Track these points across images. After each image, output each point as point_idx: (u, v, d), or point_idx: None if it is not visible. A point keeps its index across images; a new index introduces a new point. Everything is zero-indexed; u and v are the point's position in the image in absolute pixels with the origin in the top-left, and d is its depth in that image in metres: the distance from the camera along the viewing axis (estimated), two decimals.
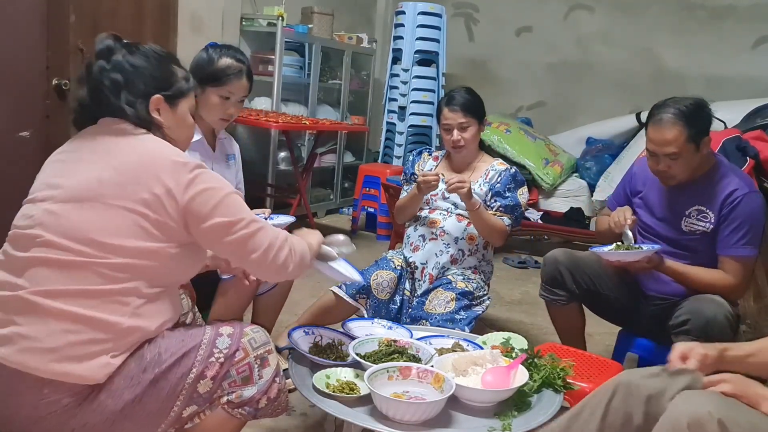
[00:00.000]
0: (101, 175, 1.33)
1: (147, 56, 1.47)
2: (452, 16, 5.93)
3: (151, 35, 3.97)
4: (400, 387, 1.62)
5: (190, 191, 1.34)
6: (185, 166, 1.36)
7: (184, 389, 1.35)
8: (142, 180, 1.33)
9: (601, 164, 4.92)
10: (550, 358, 1.80)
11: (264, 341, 1.46)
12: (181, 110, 1.51)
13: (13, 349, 1.24)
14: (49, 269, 1.29)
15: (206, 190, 1.36)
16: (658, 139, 2.04)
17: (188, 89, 1.53)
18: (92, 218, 1.31)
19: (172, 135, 1.49)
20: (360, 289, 2.40)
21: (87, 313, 1.27)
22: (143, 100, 1.44)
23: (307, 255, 1.55)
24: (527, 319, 3.29)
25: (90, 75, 1.45)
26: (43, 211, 1.33)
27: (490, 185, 2.51)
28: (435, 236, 2.50)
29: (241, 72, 2.16)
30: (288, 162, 4.68)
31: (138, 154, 1.37)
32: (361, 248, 4.44)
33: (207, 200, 1.36)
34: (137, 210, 1.31)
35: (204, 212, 1.35)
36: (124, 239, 1.31)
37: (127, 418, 1.30)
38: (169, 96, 1.47)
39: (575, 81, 5.66)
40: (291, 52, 4.82)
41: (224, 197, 1.38)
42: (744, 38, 5.02)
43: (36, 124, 2.96)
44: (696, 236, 2.13)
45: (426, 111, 5.05)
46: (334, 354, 1.83)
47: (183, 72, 1.54)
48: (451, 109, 2.48)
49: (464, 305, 2.35)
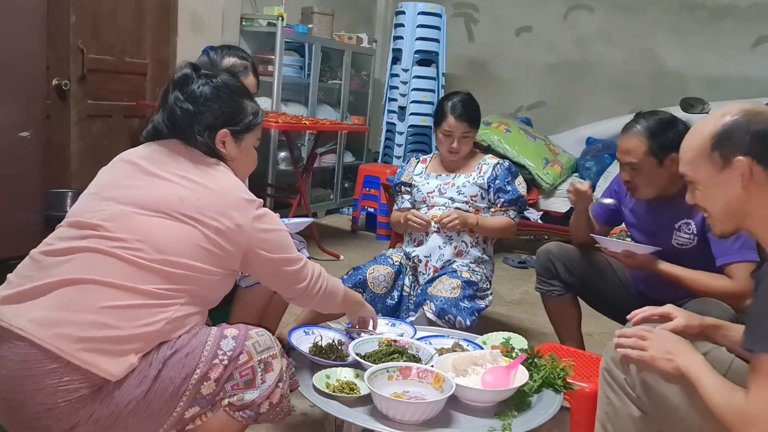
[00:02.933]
0: (182, 194, 1.42)
1: (219, 89, 1.53)
2: (452, 16, 5.93)
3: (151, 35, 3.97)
4: (400, 387, 1.62)
5: (256, 227, 1.46)
6: (253, 204, 1.48)
7: (187, 390, 1.35)
8: (216, 210, 1.42)
9: (601, 164, 4.91)
10: (550, 358, 1.80)
11: (268, 345, 1.45)
12: (246, 144, 1.59)
13: (50, 332, 1.26)
14: (104, 260, 1.34)
15: (271, 231, 1.50)
16: (621, 147, 2.10)
17: (255, 124, 1.60)
18: (165, 227, 1.39)
19: (234, 167, 1.56)
20: (357, 284, 2.41)
21: (130, 312, 1.31)
22: (211, 132, 1.51)
23: (336, 293, 1.70)
24: (527, 319, 3.29)
25: (166, 102, 1.53)
26: (118, 210, 1.39)
27: (487, 180, 2.56)
28: (437, 229, 2.52)
29: (247, 69, 2.14)
30: (288, 162, 4.68)
31: (215, 186, 1.46)
32: (361, 248, 4.45)
33: (272, 238, 1.50)
34: (207, 234, 1.40)
35: (267, 248, 1.49)
36: (186, 255, 1.38)
37: (131, 415, 1.31)
38: (235, 131, 1.54)
39: (575, 81, 5.67)
40: (291, 52, 4.82)
41: (285, 237, 1.54)
42: (744, 38, 5.02)
43: (36, 124, 2.97)
44: (686, 248, 2.11)
45: (426, 111, 5.05)
46: (334, 354, 1.82)
47: (253, 107, 1.60)
48: (458, 119, 2.52)
49: (469, 294, 2.36)
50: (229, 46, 2.23)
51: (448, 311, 2.26)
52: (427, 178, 2.64)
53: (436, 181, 2.60)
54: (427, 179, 2.64)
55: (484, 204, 2.57)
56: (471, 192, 2.54)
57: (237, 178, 1.54)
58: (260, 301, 2.15)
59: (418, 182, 2.64)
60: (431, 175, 2.65)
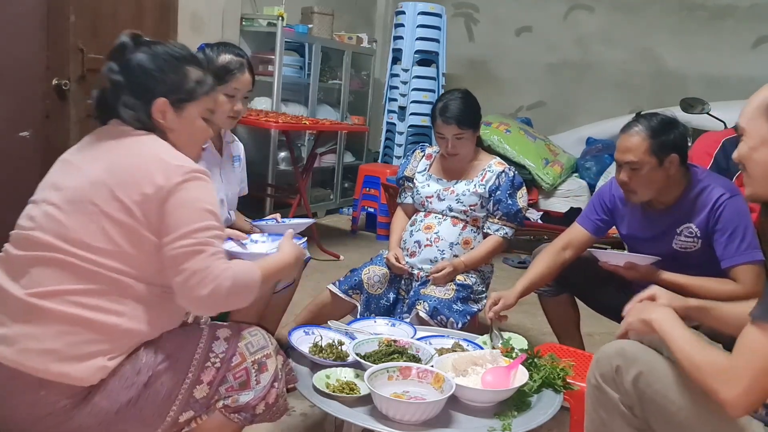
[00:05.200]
0: (95, 178, 1.32)
1: (157, 56, 1.42)
2: (452, 16, 5.93)
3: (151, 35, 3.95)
4: (400, 387, 1.61)
5: (176, 191, 1.30)
6: (181, 169, 1.32)
7: (180, 394, 1.33)
8: (134, 182, 1.30)
9: (601, 164, 4.92)
10: (550, 358, 1.80)
11: (262, 345, 1.42)
12: (188, 114, 1.45)
13: (13, 349, 1.24)
14: (47, 270, 1.28)
15: (188, 202, 1.31)
16: (620, 146, 2.06)
17: (200, 92, 1.47)
18: (84, 222, 1.29)
19: (178, 140, 1.44)
20: (353, 285, 2.41)
21: (84, 314, 1.26)
22: (145, 104, 1.40)
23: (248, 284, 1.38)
24: (527, 319, 3.29)
25: (102, 75, 1.43)
26: (43, 213, 1.33)
27: (489, 188, 2.49)
28: (430, 242, 2.47)
29: (242, 66, 2.11)
30: (288, 162, 4.68)
31: (134, 156, 1.34)
32: (361, 248, 4.44)
33: (185, 209, 1.31)
34: (119, 215, 1.29)
35: (175, 218, 1.30)
36: (112, 243, 1.29)
37: (123, 422, 1.29)
38: (175, 100, 1.42)
39: (575, 81, 5.67)
40: (291, 52, 4.82)
41: (202, 214, 1.32)
42: (744, 38, 5.02)
43: (36, 124, 2.96)
44: (690, 251, 2.10)
45: (426, 111, 5.04)
46: (334, 354, 1.82)
47: (198, 74, 1.47)
48: (445, 120, 2.42)
49: (462, 297, 2.35)
50: (224, 43, 2.20)
51: (441, 311, 2.26)
52: (428, 179, 2.58)
53: (436, 186, 2.54)
54: (427, 180, 2.58)
55: (482, 213, 2.50)
56: (470, 201, 2.48)
57: (167, 145, 1.39)
58: (259, 301, 2.14)
59: (418, 182, 2.58)
60: (432, 176, 2.58)
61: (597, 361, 1.44)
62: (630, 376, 1.35)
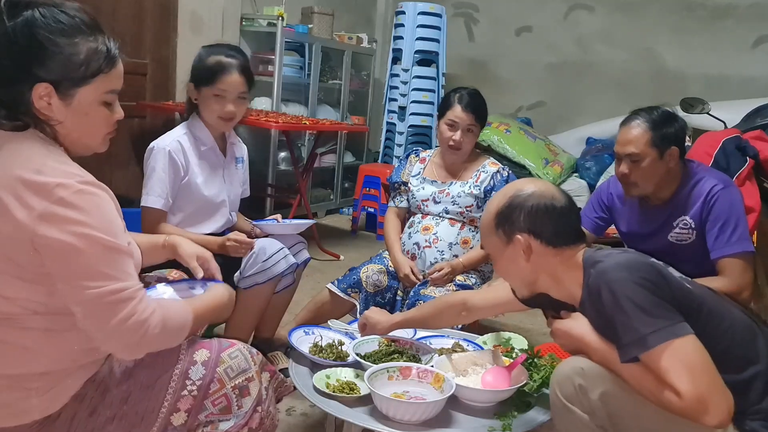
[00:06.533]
0: None
1: (32, 26, 1.08)
2: (452, 16, 5.93)
3: (151, 35, 3.97)
4: (400, 387, 1.62)
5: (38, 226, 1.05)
6: (46, 187, 1.05)
7: (156, 421, 1.26)
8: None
9: (601, 164, 4.92)
10: (550, 358, 1.80)
11: (243, 368, 1.32)
12: (80, 101, 1.15)
13: None
14: None
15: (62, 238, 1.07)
16: (621, 139, 2.07)
17: (93, 73, 1.14)
18: None
19: (69, 134, 1.17)
20: (352, 284, 2.41)
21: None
22: (19, 89, 1.10)
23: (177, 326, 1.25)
24: (527, 319, 3.29)
25: None
26: None
27: (484, 189, 2.49)
28: (429, 244, 2.47)
29: (231, 67, 2.08)
30: (288, 162, 4.68)
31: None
32: (361, 248, 4.45)
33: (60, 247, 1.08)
34: None
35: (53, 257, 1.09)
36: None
37: None
38: (60, 84, 1.12)
39: (575, 81, 5.66)
40: (291, 52, 4.82)
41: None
42: (744, 38, 5.02)
43: None
44: (685, 244, 2.10)
45: (426, 111, 5.06)
46: (334, 354, 1.83)
47: (92, 47, 1.14)
48: (465, 109, 2.45)
49: None
50: (222, 44, 2.19)
51: None
52: (422, 183, 2.57)
53: (431, 188, 2.54)
54: (422, 183, 2.57)
55: (478, 214, 2.49)
56: (466, 203, 2.48)
57: (31, 150, 1.10)
58: (259, 302, 2.15)
59: (413, 186, 2.58)
60: (426, 179, 2.57)
61: (557, 382, 1.41)
62: (595, 395, 1.34)
